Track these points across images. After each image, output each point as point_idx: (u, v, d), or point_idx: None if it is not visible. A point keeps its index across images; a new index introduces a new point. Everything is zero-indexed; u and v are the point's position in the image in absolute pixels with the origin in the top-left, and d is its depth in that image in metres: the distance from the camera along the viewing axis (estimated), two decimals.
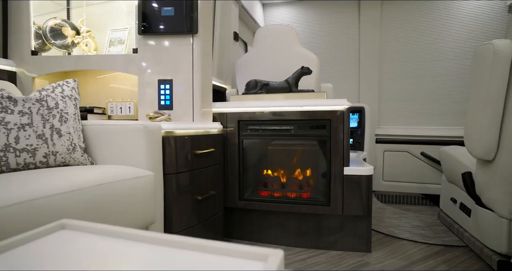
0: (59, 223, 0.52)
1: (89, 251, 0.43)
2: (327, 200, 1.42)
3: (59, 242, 0.47)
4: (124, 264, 0.39)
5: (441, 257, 1.36)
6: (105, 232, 0.50)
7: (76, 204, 0.70)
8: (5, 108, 0.95)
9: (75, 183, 0.73)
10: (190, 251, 0.43)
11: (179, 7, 1.33)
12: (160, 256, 0.41)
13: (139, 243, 0.46)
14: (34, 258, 0.40)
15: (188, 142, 1.21)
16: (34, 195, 0.62)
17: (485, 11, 2.45)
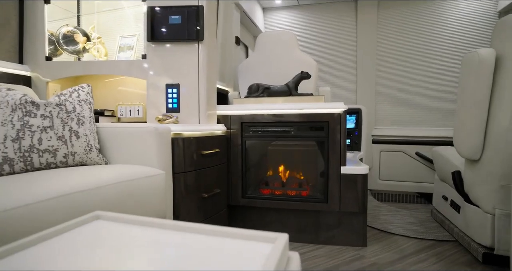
0: (94, 214, 0.60)
1: (122, 237, 0.51)
2: (325, 197, 1.51)
3: (97, 230, 0.55)
4: (154, 247, 0.48)
5: (432, 250, 1.45)
6: (134, 222, 0.59)
7: (100, 199, 0.79)
8: (29, 112, 1.03)
9: (99, 181, 0.81)
10: (208, 236, 0.52)
11: (185, 16, 1.41)
12: (184, 240, 0.50)
13: (164, 230, 0.55)
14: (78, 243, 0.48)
15: (195, 143, 1.30)
16: (67, 191, 0.70)
17: (477, 16, 2.55)
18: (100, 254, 0.44)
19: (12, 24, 1.45)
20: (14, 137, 0.98)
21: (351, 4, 2.84)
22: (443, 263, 1.32)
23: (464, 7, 2.58)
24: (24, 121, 1.01)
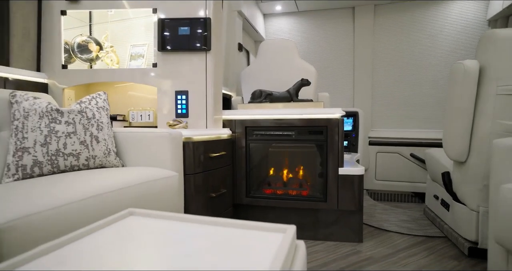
0: (128, 211, 0.71)
1: (154, 230, 0.61)
2: (324, 196, 1.62)
3: (132, 224, 0.65)
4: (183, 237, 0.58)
5: (423, 246, 1.57)
6: (162, 216, 0.69)
7: (127, 198, 0.89)
8: (54, 119, 1.13)
9: (125, 182, 0.91)
10: (228, 227, 0.62)
11: (194, 27, 1.52)
12: (207, 231, 0.60)
13: (189, 223, 0.65)
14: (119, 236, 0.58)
15: (203, 146, 1.40)
16: (100, 191, 0.80)
17: (468, 24, 2.67)
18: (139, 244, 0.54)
19: (32, 35, 1.54)
20: (42, 142, 1.08)
21: (348, 11, 2.95)
22: (432, 257, 1.43)
23: (456, 15, 2.70)
24: (50, 127, 1.11)
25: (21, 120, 1.09)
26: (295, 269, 0.50)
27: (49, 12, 1.58)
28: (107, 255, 0.48)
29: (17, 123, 1.08)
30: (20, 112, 1.10)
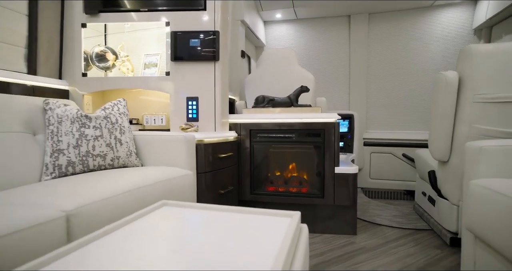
0: (162, 202, 0.86)
1: (186, 217, 0.77)
2: (321, 193, 1.78)
3: (166, 214, 0.80)
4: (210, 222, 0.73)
5: (411, 237, 1.73)
6: (190, 206, 0.84)
7: (155, 192, 1.04)
8: (84, 125, 1.28)
9: (153, 179, 1.06)
10: (245, 214, 0.78)
11: (204, 39, 1.67)
12: (229, 217, 0.75)
13: (213, 211, 0.80)
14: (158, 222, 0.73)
15: (213, 148, 1.55)
16: (133, 187, 0.96)
17: (455, 33, 2.85)
18: (176, 226, 0.69)
19: (55, 46, 1.69)
20: (74, 144, 1.23)
21: (344, 19, 3.12)
22: (419, 247, 1.59)
23: (444, 24, 2.88)
24: (81, 131, 1.26)
25: (55, 125, 1.23)
26: (300, 245, 0.66)
27: (70, 25, 1.72)
28: (156, 234, 0.64)
29: (52, 128, 1.23)
30: (54, 118, 1.24)
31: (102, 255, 0.52)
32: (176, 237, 0.63)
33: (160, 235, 0.63)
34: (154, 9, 1.72)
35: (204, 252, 0.54)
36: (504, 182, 0.95)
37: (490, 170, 1.07)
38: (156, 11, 1.72)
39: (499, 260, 0.91)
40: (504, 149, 1.06)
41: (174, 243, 0.59)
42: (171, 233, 0.65)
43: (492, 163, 1.07)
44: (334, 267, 1.37)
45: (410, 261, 1.43)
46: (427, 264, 1.39)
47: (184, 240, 0.61)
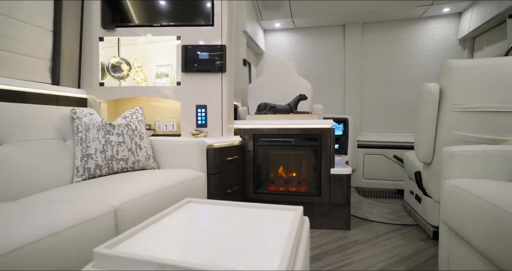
0: (186, 200, 1.02)
1: (209, 211, 0.93)
2: (318, 192, 1.96)
3: (192, 209, 0.97)
4: (229, 214, 0.90)
5: (399, 231, 1.92)
6: (211, 203, 1.01)
7: (175, 192, 1.20)
8: (108, 132, 1.43)
9: (173, 180, 1.23)
10: (257, 208, 0.95)
11: (212, 53, 1.83)
12: (245, 211, 0.92)
13: (230, 207, 0.97)
14: (186, 217, 0.90)
15: (221, 151, 1.72)
16: (160, 187, 1.12)
17: (442, 42, 3.05)
18: (202, 220, 0.86)
19: (75, 57, 1.84)
20: (101, 149, 1.38)
21: (339, 28, 3.30)
22: (405, 240, 1.78)
23: (432, 34, 3.08)
24: (106, 138, 1.41)
25: (84, 133, 1.39)
26: (304, 233, 0.83)
27: (89, 39, 1.87)
28: (188, 225, 0.81)
29: (81, 135, 1.38)
30: (82, 126, 1.40)
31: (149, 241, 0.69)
32: (205, 226, 0.80)
33: (191, 226, 0.80)
34: (166, 25, 1.88)
35: (227, 237, 0.71)
36: (472, 181, 1.13)
37: (462, 171, 1.26)
38: (168, 26, 1.88)
39: (467, 247, 1.09)
40: (473, 153, 1.25)
41: (204, 232, 0.76)
42: (200, 224, 0.81)
43: (463, 166, 1.25)
44: (330, 257, 1.55)
45: (397, 252, 1.62)
46: (412, 254, 1.58)
47: (211, 229, 0.78)
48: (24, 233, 0.64)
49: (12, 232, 0.63)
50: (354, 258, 1.54)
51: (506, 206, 0.83)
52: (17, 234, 0.63)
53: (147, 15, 1.90)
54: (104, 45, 1.95)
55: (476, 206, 0.98)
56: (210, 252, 0.64)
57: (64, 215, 0.77)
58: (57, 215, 0.76)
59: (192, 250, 0.66)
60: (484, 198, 0.95)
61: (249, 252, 0.64)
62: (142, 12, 1.90)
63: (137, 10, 1.91)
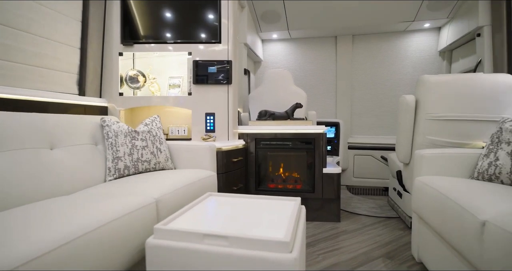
0: (208, 194, 1.28)
1: (227, 202, 1.19)
2: (312, 189, 2.23)
3: (214, 200, 1.23)
4: (243, 204, 1.16)
5: (383, 223, 2.20)
6: (228, 196, 1.27)
7: (195, 188, 1.46)
8: (134, 137, 1.68)
9: (193, 178, 1.48)
10: (263, 199, 1.21)
11: (220, 67, 2.09)
12: (254, 201, 1.18)
13: (243, 198, 1.23)
14: (209, 207, 1.16)
15: (228, 154, 1.98)
16: (183, 184, 1.37)
17: (424, 53, 3.36)
18: (224, 209, 1.12)
19: (97, 70, 2.07)
20: (128, 153, 1.63)
21: (331, 39, 3.59)
22: (387, 229, 2.06)
23: (415, 45, 3.39)
24: (132, 143, 1.66)
25: (113, 139, 1.63)
26: (301, 218, 1.09)
27: (109, 54, 2.11)
28: (214, 212, 1.07)
29: (111, 141, 1.62)
30: (112, 133, 1.64)
31: (189, 221, 0.95)
32: (227, 211, 1.06)
33: (217, 211, 1.06)
34: (178, 42, 2.13)
35: (244, 218, 0.97)
36: (434, 178, 1.42)
37: (429, 170, 1.54)
38: (180, 43, 2.13)
39: (431, 230, 1.37)
40: (438, 155, 1.54)
41: (227, 215, 1.02)
42: (223, 210, 1.08)
43: (430, 165, 1.54)
44: (322, 244, 1.82)
45: (379, 239, 1.90)
46: (391, 241, 1.86)
47: (231, 213, 1.04)
48: (95, 219, 0.88)
49: (84, 219, 0.87)
50: (342, 244, 1.81)
51: (458, 198, 1.11)
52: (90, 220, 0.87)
53: (161, 33, 2.14)
54: (122, 57, 2.18)
55: (434, 197, 1.27)
56: (234, 227, 0.90)
57: (120, 205, 1.02)
58: (115, 205, 1.00)
59: (222, 226, 0.92)
60: (441, 191, 1.23)
61: (262, 227, 0.91)
62: (156, 30, 2.15)
63: (152, 28, 2.15)
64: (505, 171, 1.30)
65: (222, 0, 2.09)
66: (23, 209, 0.94)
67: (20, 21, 1.53)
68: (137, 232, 0.99)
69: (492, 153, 1.39)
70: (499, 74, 1.82)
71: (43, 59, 1.69)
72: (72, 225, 0.80)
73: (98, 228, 0.84)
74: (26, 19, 1.56)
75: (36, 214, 0.88)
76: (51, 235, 0.72)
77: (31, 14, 1.58)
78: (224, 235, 0.80)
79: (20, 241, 0.68)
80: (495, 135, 1.43)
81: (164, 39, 2.13)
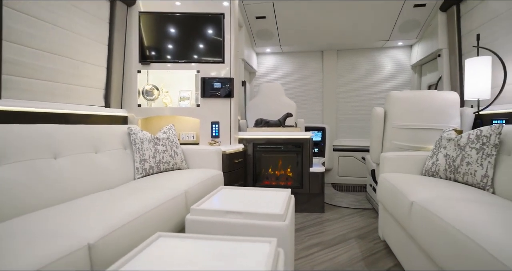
0: (221, 187, 1.68)
1: (237, 192, 1.60)
2: (301, 185, 2.65)
3: (227, 191, 1.63)
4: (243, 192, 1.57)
5: (359, 213, 2.65)
6: (236, 188, 1.68)
7: (208, 184, 1.85)
8: (156, 143, 2.06)
9: (207, 176, 1.88)
10: (261, 191, 1.63)
11: (223, 83, 2.49)
12: (255, 192, 1.59)
13: (247, 190, 1.64)
14: (223, 196, 1.57)
15: (231, 156, 2.38)
16: (199, 180, 1.77)
17: (399, 66, 3.84)
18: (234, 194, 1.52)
19: (120, 85, 2.44)
20: (152, 155, 2.01)
21: (318, 53, 4.04)
22: (362, 218, 2.51)
23: (391, 60, 3.87)
24: (155, 148, 2.04)
25: (139, 144, 2.01)
26: (291, 203, 1.50)
27: (129, 71, 2.48)
28: (229, 196, 1.47)
29: (138, 146, 2.00)
30: (138, 139, 2.02)
31: (214, 203, 1.35)
32: (237, 197, 1.46)
33: (231, 196, 1.46)
34: (188, 61, 2.52)
35: (248, 201, 1.38)
36: (392, 174, 1.86)
37: (390, 168, 1.99)
38: (190, 62, 2.52)
39: (389, 215, 1.81)
40: (397, 157, 1.98)
41: (237, 198, 1.43)
42: (234, 196, 1.48)
43: (391, 165, 1.98)
44: (309, 229, 2.25)
45: (355, 225, 2.33)
46: (364, 226, 2.30)
47: (240, 198, 1.44)
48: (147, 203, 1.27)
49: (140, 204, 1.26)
50: (325, 229, 2.24)
51: (403, 188, 1.54)
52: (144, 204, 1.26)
53: (173, 54, 2.53)
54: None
55: (389, 188, 1.71)
56: (243, 206, 1.30)
57: (162, 194, 1.40)
58: (158, 195, 1.39)
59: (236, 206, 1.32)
60: (393, 184, 1.67)
61: (262, 207, 1.31)
62: (170, 51, 2.53)
63: (166, 50, 2.53)
64: (442, 168, 1.75)
65: (225, 33, 2.49)
66: (90, 198, 1.33)
67: (60, 48, 1.89)
68: (174, 213, 1.39)
69: (435, 155, 1.85)
70: (448, 92, 2.29)
71: (80, 79, 2.05)
72: (133, 207, 1.19)
73: (152, 210, 1.24)
74: (65, 46, 1.92)
75: (100, 202, 1.27)
76: (120, 215, 1.11)
77: (68, 41, 1.95)
78: (239, 211, 1.21)
79: (96, 220, 1.06)
80: (438, 141, 1.88)
81: (176, 59, 2.52)
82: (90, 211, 1.14)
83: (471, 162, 1.59)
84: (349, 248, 1.90)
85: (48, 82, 1.79)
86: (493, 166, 1.51)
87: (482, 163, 1.54)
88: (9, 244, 0.83)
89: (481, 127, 1.62)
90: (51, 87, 1.82)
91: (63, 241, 0.85)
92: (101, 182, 1.60)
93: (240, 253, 0.85)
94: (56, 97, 1.86)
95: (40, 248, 0.80)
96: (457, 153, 1.68)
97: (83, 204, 1.23)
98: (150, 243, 0.92)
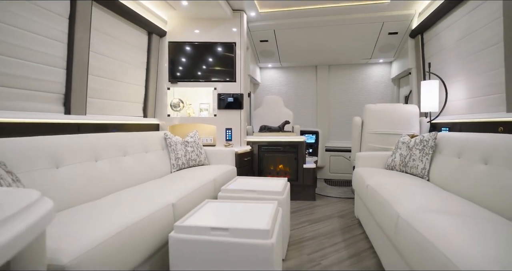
0: (236, 177, 2.34)
1: (249, 180, 2.25)
2: (296, 178, 3.31)
3: (241, 180, 2.29)
4: (258, 181, 2.23)
5: (343, 201, 3.30)
6: (248, 177, 2.34)
7: (227, 176, 2.51)
8: (186, 145, 2.72)
9: (225, 170, 2.54)
10: (268, 180, 2.29)
11: (235, 98, 3.15)
12: (262, 179, 2.25)
13: (256, 179, 2.30)
14: (241, 181, 2.23)
15: (241, 155, 3.04)
16: (220, 173, 2.43)
17: (382, 79, 4.51)
18: (247, 183, 2.18)
19: (153, 99, 3.10)
20: (184, 155, 2.67)
21: (313, 68, 4.71)
22: (345, 204, 3.16)
23: (375, 74, 4.53)
24: (185, 149, 2.70)
25: (174, 146, 2.67)
26: (287, 186, 2.16)
27: (161, 88, 3.15)
28: (243, 183, 2.13)
29: (173, 147, 2.66)
30: (173, 143, 2.68)
31: (238, 185, 2.01)
32: (250, 183, 2.12)
33: (246, 183, 2.12)
34: (207, 80, 3.18)
35: (256, 186, 2.04)
36: (362, 168, 2.52)
37: (363, 164, 2.65)
38: (209, 81, 3.18)
39: (360, 198, 2.47)
40: (367, 156, 2.65)
41: (250, 184, 2.08)
42: (248, 183, 2.14)
43: (363, 161, 2.64)
44: (303, 211, 2.90)
45: (339, 208, 2.99)
46: (345, 209, 2.96)
47: (251, 184, 2.10)
48: (189, 186, 1.93)
49: (185, 188, 1.92)
50: (315, 211, 2.90)
51: (365, 177, 2.20)
52: (187, 188, 1.92)
53: (195, 74, 3.19)
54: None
55: (358, 177, 2.37)
56: (255, 188, 1.96)
57: (197, 182, 2.06)
58: (195, 182, 2.05)
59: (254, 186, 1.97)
60: (361, 175, 2.33)
61: (268, 188, 1.97)
62: (192, 72, 3.19)
63: (189, 71, 3.19)
64: (397, 164, 2.41)
65: (236, 58, 3.16)
66: (151, 183, 1.99)
67: (117, 75, 2.56)
68: (209, 192, 2.05)
69: (394, 154, 2.51)
70: (410, 105, 2.95)
71: (123, 96, 2.71)
72: (187, 185, 1.85)
73: (199, 187, 1.90)
74: (120, 74, 2.59)
75: (162, 184, 1.93)
76: (183, 187, 1.77)
77: (122, 69, 2.60)
78: (257, 190, 1.86)
79: (169, 192, 1.72)
80: (396, 144, 2.54)
81: (198, 79, 3.19)
82: (160, 188, 1.79)
83: (415, 159, 2.25)
84: (331, 223, 2.56)
85: (106, 101, 2.45)
86: (429, 162, 2.17)
87: (422, 159, 2.21)
88: (123, 204, 1.49)
89: (424, 134, 2.28)
90: (109, 104, 2.48)
91: (158, 201, 1.51)
92: (152, 173, 2.27)
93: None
94: (113, 112, 2.52)
95: (146, 205, 1.46)
96: (407, 152, 2.35)
97: (151, 186, 1.89)
98: (203, 205, 1.58)
